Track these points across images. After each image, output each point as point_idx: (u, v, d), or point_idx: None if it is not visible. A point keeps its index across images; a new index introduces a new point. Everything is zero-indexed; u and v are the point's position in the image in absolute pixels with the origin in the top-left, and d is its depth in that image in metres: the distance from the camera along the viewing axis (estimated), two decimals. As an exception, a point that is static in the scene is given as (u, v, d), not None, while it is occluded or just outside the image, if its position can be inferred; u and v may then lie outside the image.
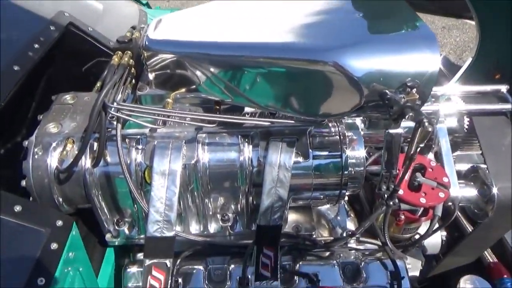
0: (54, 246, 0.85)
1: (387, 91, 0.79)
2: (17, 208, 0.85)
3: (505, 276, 1.32)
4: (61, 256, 0.85)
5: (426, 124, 0.78)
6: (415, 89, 0.79)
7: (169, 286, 1.00)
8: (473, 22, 2.21)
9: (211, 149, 1.08)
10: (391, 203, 0.98)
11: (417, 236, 1.31)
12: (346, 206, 1.35)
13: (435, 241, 1.45)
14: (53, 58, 1.28)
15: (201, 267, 1.15)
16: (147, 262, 0.99)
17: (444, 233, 1.44)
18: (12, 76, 1.02)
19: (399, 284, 1.09)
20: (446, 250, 1.40)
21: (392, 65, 0.80)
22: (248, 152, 1.08)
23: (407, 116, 0.77)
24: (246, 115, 1.11)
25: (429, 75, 0.80)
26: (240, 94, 0.97)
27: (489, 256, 1.40)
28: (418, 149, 0.81)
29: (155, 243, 0.99)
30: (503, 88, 1.29)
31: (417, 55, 0.81)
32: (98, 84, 1.24)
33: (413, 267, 1.43)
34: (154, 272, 0.99)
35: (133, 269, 1.18)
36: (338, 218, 1.30)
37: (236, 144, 1.08)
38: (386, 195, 0.97)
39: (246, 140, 1.08)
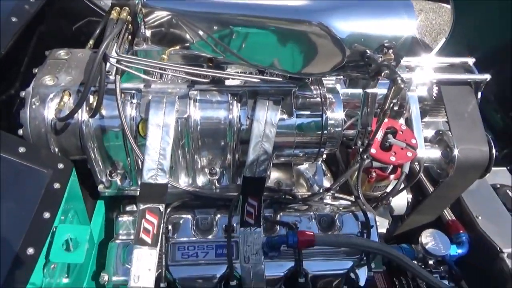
0: (56, 186, 0.92)
1: (367, 50, 0.88)
2: (21, 149, 0.91)
3: (461, 231, 1.48)
4: (63, 196, 0.92)
5: (399, 81, 0.88)
6: (391, 50, 0.88)
7: (161, 231, 1.09)
8: (449, 6, 2.34)
9: (202, 106, 1.15)
10: (365, 156, 1.09)
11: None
12: (323, 167, 1.46)
13: (401, 203, 1.60)
14: (45, 15, 1.30)
15: (189, 216, 1.23)
16: (141, 206, 1.07)
17: (410, 195, 1.58)
18: (10, 27, 1.04)
19: (368, 233, 1.22)
20: (411, 211, 1.55)
21: (373, 27, 0.89)
22: (236, 110, 1.16)
23: (383, 74, 0.87)
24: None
25: (405, 38, 0.90)
26: (231, 51, 1.04)
27: (448, 215, 1.56)
28: (392, 104, 0.92)
29: (149, 189, 1.06)
30: (470, 61, 1.41)
31: (396, 19, 0.90)
32: (91, 42, 1.28)
33: (381, 225, 1.58)
34: (147, 216, 1.07)
35: (125, 218, 1.25)
36: (316, 177, 1.41)
37: (226, 102, 1.16)
38: (361, 149, 1.08)
39: (235, 98, 1.16)
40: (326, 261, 1.20)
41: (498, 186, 1.68)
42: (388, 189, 1.42)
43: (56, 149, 1.13)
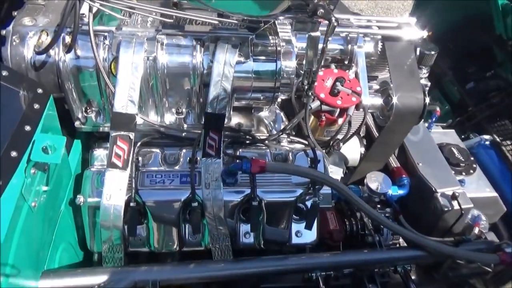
0: (36, 106, 1.05)
1: (308, -7, 1.04)
2: (4, 73, 1.03)
3: (404, 175, 1.67)
4: (42, 114, 1.05)
5: (333, 20, 1.04)
6: (327, -6, 1.04)
7: (130, 160, 1.23)
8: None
9: (168, 50, 1.29)
10: (310, 93, 1.25)
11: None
12: (282, 115, 1.62)
13: (355, 156, 1.78)
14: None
15: (158, 151, 1.38)
16: (113, 133, 1.21)
17: (363, 149, 1.76)
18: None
19: (316, 167, 1.39)
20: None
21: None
22: (200, 55, 1.30)
23: (318, 12, 1.03)
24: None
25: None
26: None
27: (394, 163, 1.75)
28: (328, 42, 1.08)
29: (120, 118, 1.20)
30: (412, 20, 1.58)
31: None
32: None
33: (335, 173, 1.75)
34: (118, 142, 1.21)
35: (99, 151, 1.38)
36: (275, 124, 1.57)
37: (190, 47, 1.30)
38: (306, 87, 1.24)
39: (199, 43, 1.30)
40: (278, 191, 1.37)
41: (444, 144, 1.88)
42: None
43: (35, 85, 1.25)
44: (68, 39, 1.22)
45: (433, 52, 1.59)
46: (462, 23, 2.58)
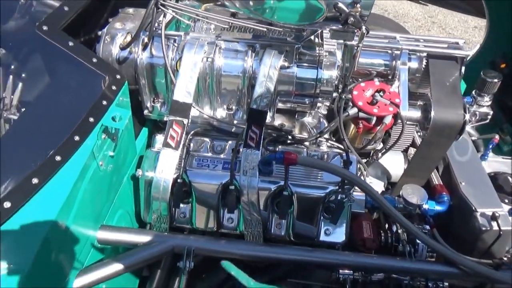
0: (114, 87, 1.31)
1: (338, 2, 1.19)
2: (94, 59, 1.32)
3: (444, 193, 1.67)
4: (118, 94, 1.31)
5: (363, 28, 1.17)
6: (358, 4, 1.18)
7: (182, 144, 1.44)
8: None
9: (224, 54, 1.51)
10: (343, 96, 1.37)
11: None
12: (325, 122, 1.74)
13: (398, 172, 1.82)
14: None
15: (208, 140, 1.58)
16: (170, 118, 1.44)
17: (407, 165, 1.80)
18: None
19: (347, 168, 1.48)
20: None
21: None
22: (251, 60, 1.50)
23: (349, 21, 1.16)
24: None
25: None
26: (247, 7, 1.40)
27: (436, 180, 1.75)
28: (360, 48, 1.21)
29: (178, 105, 1.43)
30: (460, 41, 1.63)
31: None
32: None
33: (376, 186, 1.80)
34: (174, 126, 1.44)
35: (160, 137, 1.62)
36: (317, 129, 1.70)
37: (243, 52, 1.50)
38: (340, 89, 1.36)
39: (251, 49, 1.50)
40: (309, 186, 1.48)
41: (501, 172, 1.83)
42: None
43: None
44: (146, 40, 1.50)
45: (496, 80, 1.62)
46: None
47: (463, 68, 1.58)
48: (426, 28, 4.80)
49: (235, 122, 1.61)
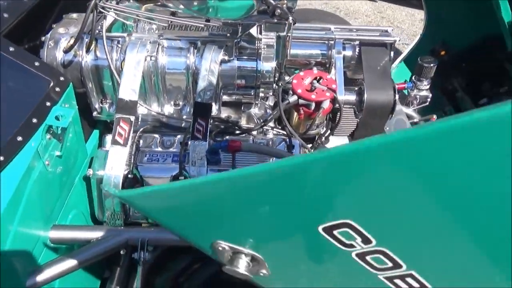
0: (57, 89, 1.35)
1: (265, -4, 1.28)
2: (36, 63, 1.35)
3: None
4: (62, 95, 1.35)
5: (290, 19, 1.26)
6: (284, -3, 1.27)
7: (131, 141, 1.49)
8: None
9: (167, 52, 1.57)
10: (280, 83, 1.46)
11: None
12: (270, 111, 1.82)
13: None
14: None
15: (157, 136, 1.64)
16: (117, 116, 1.48)
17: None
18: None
19: (290, 151, 1.57)
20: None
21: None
22: (193, 56, 1.57)
23: (276, 13, 1.25)
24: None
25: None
26: (186, 6, 1.47)
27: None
28: (290, 38, 1.30)
29: (123, 103, 1.48)
30: (389, 29, 1.76)
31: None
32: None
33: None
34: (121, 123, 1.48)
35: (109, 136, 1.66)
36: (263, 116, 1.78)
37: (185, 49, 1.57)
38: (277, 77, 1.45)
39: (193, 46, 1.57)
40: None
41: None
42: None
43: (63, 80, 1.57)
44: (88, 43, 1.54)
45: (432, 65, 1.75)
46: (476, 42, 2.68)
47: (392, 53, 1.71)
48: (376, 23, 5.02)
49: (184, 117, 1.67)
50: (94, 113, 1.68)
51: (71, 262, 1.30)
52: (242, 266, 0.57)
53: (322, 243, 0.50)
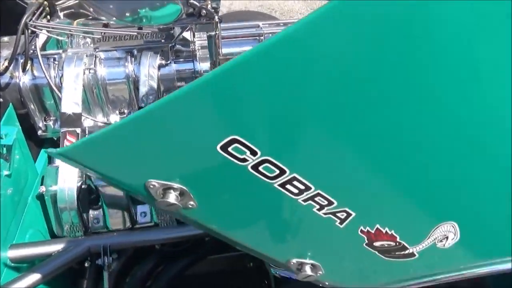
0: (-5, 111, 1.37)
1: (192, 0, 1.37)
2: (-30, 87, 1.36)
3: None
4: (1, 117, 1.36)
5: (216, 18, 1.37)
6: (208, -1, 1.38)
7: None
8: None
9: (105, 63, 1.62)
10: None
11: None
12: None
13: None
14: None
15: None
16: (62, 130, 1.51)
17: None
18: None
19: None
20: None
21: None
22: (131, 65, 1.63)
23: (202, 13, 1.35)
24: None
25: (216, -9, 1.40)
26: (116, 16, 1.53)
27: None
28: (218, 36, 1.40)
29: (67, 116, 1.51)
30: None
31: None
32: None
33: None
34: (68, 137, 1.51)
35: (59, 152, 1.68)
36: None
37: (123, 59, 1.63)
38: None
39: (130, 54, 1.64)
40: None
41: None
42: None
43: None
44: (23, 63, 1.56)
45: None
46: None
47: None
48: (310, 19, 5.28)
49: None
50: (39, 132, 1.69)
51: (34, 277, 1.32)
52: (172, 199, 0.66)
53: (224, 162, 0.60)
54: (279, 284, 1.59)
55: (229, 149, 0.61)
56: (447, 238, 0.68)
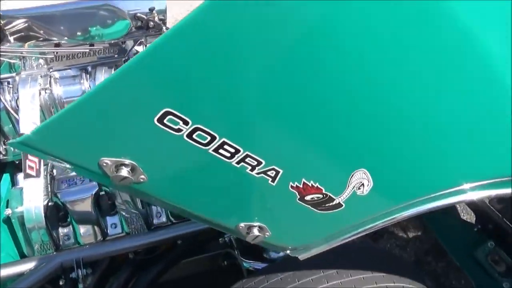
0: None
1: (137, 12, 1.45)
2: None
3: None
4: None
5: (164, 28, 1.44)
6: (154, 11, 1.45)
7: (44, 171, 1.55)
8: None
9: (60, 82, 1.66)
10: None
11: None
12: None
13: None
14: None
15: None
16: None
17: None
18: None
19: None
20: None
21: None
22: (87, 82, 1.67)
23: (150, 25, 1.43)
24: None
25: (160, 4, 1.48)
26: (67, 36, 1.58)
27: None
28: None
29: (27, 137, 1.53)
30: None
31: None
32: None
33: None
34: (29, 157, 1.53)
35: (20, 175, 1.69)
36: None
37: (78, 76, 1.67)
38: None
39: (84, 71, 1.68)
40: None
41: None
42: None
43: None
44: (-22, 89, 1.58)
45: None
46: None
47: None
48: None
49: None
50: (0, 157, 1.69)
51: (7, 298, 1.33)
52: (124, 173, 0.73)
53: (163, 134, 0.68)
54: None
55: (165, 121, 0.68)
56: (363, 185, 0.79)
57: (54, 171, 1.66)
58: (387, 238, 2.71)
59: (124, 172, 0.72)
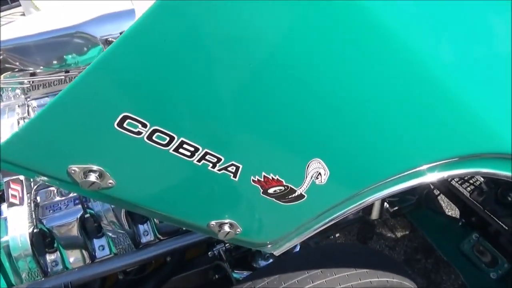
0: None
1: (110, 39, 1.50)
2: None
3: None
4: None
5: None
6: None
7: (28, 199, 1.56)
8: None
9: (39, 110, 1.69)
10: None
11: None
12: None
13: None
14: None
15: (52, 188, 1.72)
16: (5, 180, 1.55)
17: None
18: None
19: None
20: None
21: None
22: (66, 106, 1.71)
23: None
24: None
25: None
26: (42, 65, 1.62)
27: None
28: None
29: (8, 166, 1.55)
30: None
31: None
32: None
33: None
34: (12, 185, 1.55)
35: (4, 205, 1.70)
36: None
37: (56, 103, 1.71)
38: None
39: (62, 98, 1.72)
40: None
41: None
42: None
43: None
44: (-43, 122, 1.60)
45: None
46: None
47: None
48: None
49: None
50: (-20, 182, 1.70)
51: (-4, 328, 1.32)
52: (92, 179, 0.76)
53: (124, 138, 0.72)
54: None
55: (124, 125, 0.72)
56: (320, 174, 0.83)
57: (38, 198, 1.68)
58: (376, 239, 2.74)
59: (93, 177, 0.75)
